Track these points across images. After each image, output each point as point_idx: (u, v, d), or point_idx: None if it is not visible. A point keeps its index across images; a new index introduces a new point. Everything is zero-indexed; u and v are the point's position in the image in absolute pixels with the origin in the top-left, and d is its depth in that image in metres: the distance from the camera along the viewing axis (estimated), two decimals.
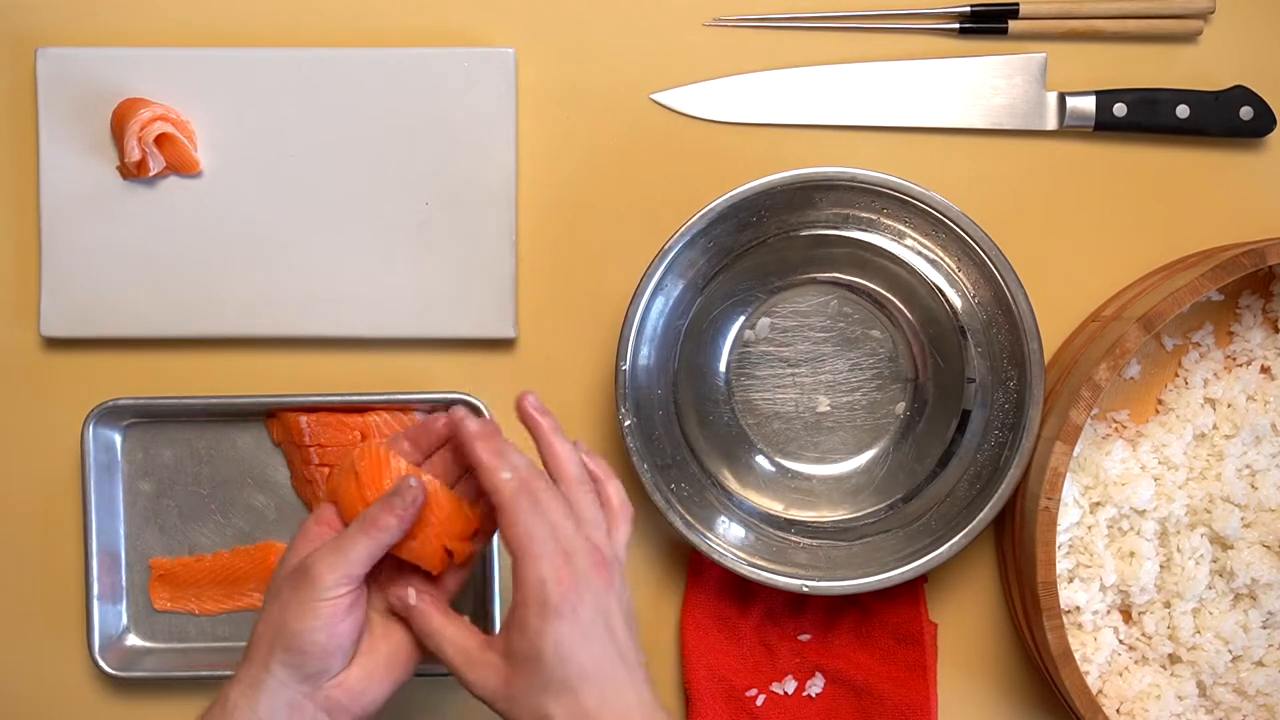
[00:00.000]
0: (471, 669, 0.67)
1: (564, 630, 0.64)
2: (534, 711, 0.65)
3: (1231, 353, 0.85)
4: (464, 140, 0.85)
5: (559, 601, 0.64)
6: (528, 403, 0.70)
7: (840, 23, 0.87)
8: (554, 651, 0.64)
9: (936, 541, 0.81)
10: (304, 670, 0.66)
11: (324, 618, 0.66)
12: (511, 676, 0.65)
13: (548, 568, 0.64)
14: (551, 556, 0.65)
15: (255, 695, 0.66)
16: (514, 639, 0.65)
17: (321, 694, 0.67)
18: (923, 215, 0.82)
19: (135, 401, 0.85)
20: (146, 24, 0.87)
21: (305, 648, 0.66)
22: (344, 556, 0.66)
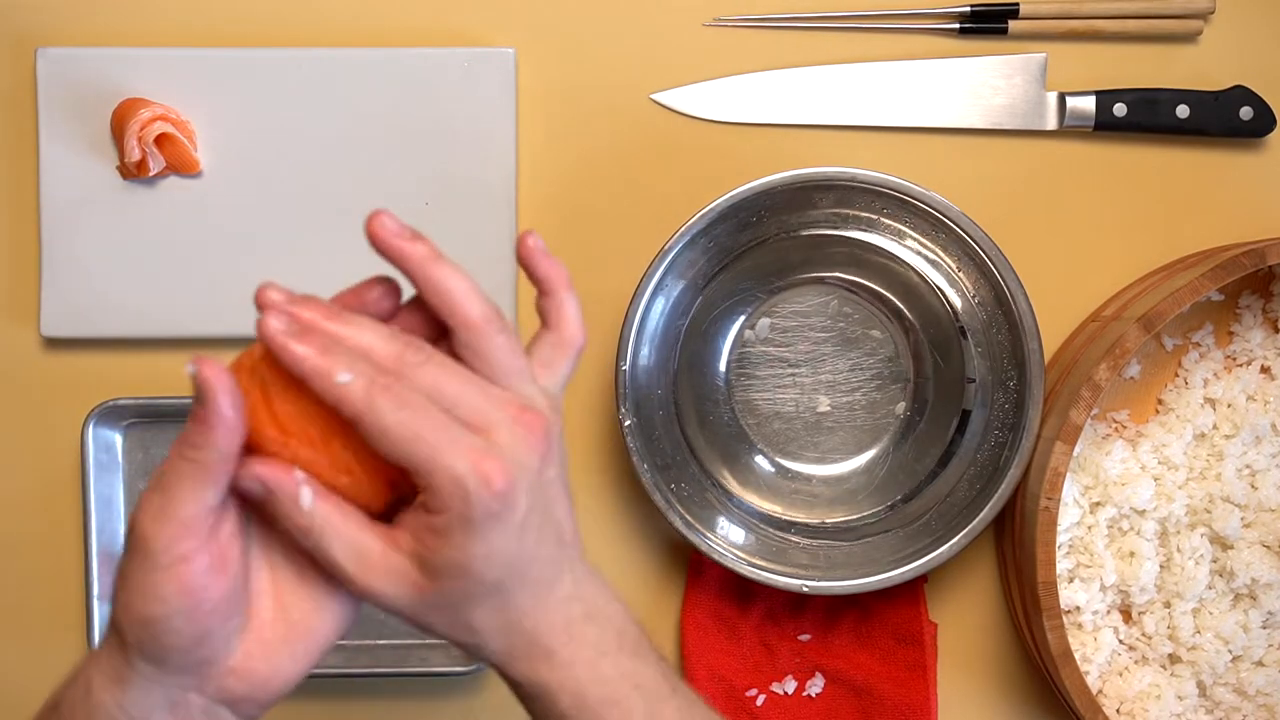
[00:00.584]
0: (372, 576, 0.50)
1: (495, 535, 0.49)
2: (455, 623, 0.52)
3: (1231, 353, 0.85)
4: (464, 140, 0.85)
5: (488, 503, 0.48)
6: (382, 225, 0.53)
7: (840, 23, 0.87)
8: (484, 564, 0.50)
9: (936, 541, 0.81)
10: (173, 664, 0.50)
11: (171, 598, 0.48)
12: (427, 587, 0.50)
13: (461, 464, 0.48)
14: (459, 449, 0.48)
15: (122, 690, 0.50)
16: (431, 547, 0.49)
17: (211, 685, 0.51)
18: (923, 215, 0.82)
19: (135, 401, 0.85)
20: (146, 24, 0.87)
21: (161, 639, 0.49)
22: (168, 497, 0.48)
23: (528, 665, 0.53)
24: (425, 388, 0.49)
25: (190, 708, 0.51)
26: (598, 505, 0.87)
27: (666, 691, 0.55)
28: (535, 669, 0.53)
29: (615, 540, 0.87)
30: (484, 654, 0.53)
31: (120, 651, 0.50)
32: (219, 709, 0.51)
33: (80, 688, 0.52)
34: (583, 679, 0.53)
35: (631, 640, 0.55)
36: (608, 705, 0.53)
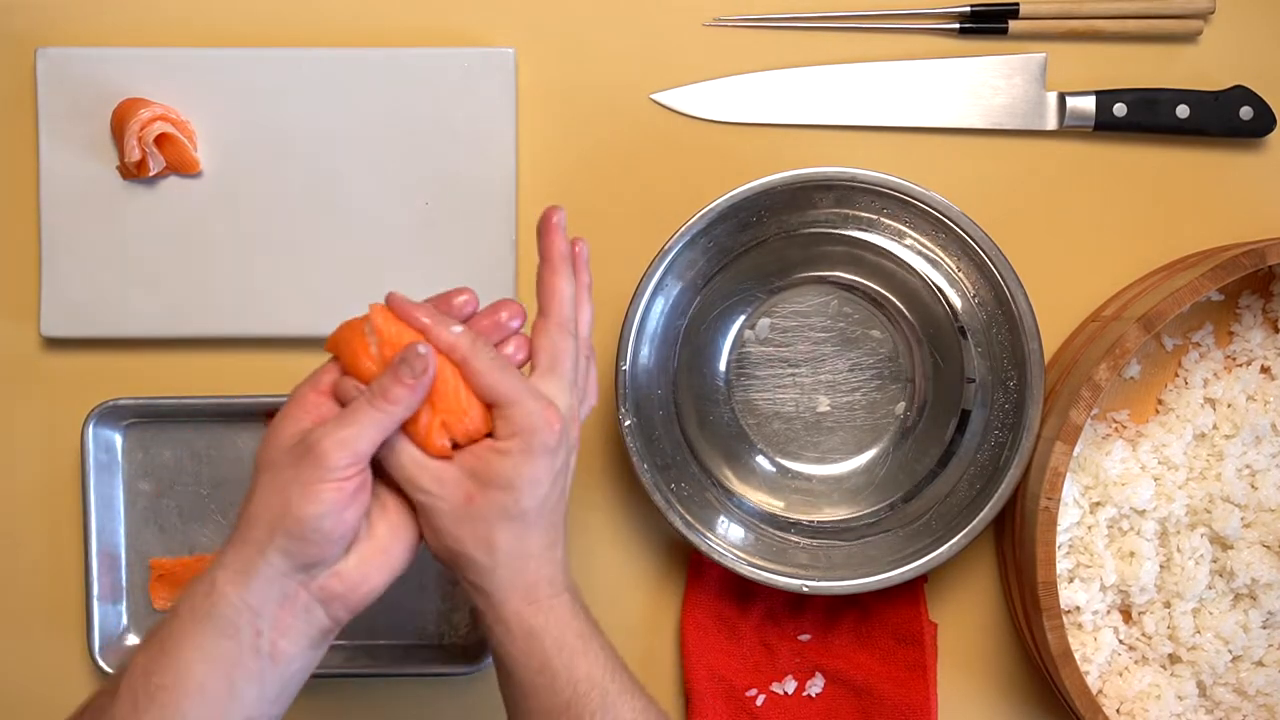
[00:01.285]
0: (430, 479, 0.63)
1: (541, 466, 0.62)
2: (482, 534, 0.63)
3: (1231, 353, 0.85)
4: (464, 140, 0.85)
5: (545, 438, 0.62)
6: (556, 217, 0.67)
7: (840, 23, 0.87)
8: (527, 485, 0.62)
9: (936, 541, 0.81)
10: (303, 559, 0.61)
11: (330, 503, 0.60)
12: (475, 495, 0.62)
13: (534, 406, 0.62)
14: (535, 397, 0.63)
15: (246, 582, 0.60)
16: (490, 462, 0.62)
17: (316, 583, 0.62)
18: (923, 215, 0.82)
19: (135, 401, 0.85)
20: (146, 24, 0.87)
21: (308, 535, 0.60)
22: (353, 431, 0.61)
23: (520, 605, 0.64)
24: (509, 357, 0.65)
25: (296, 603, 0.62)
26: (598, 505, 0.87)
27: (622, 665, 0.66)
28: (525, 609, 0.64)
29: (615, 540, 0.87)
30: (488, 579, 0.63)
31: (257, 549, 0.61)
32: (316, 607, 0.62)
33: (204, 585, 0.61)
34: (563, 628, 0.64)
35: (597, 625, 0.66)
36: (580, 652, 0.64)
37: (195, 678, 0.59)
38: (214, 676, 0.60)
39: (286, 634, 0.61)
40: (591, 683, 0.64)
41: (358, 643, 0.86)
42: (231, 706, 0.60)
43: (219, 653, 0.60)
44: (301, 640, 0.62)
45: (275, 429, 0.63)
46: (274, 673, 0.61)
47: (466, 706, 0.88)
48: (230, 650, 0.60)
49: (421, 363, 0.62)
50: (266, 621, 0.61)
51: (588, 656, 0.64)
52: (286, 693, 0.63)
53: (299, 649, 0.62)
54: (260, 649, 0.61)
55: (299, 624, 0.62)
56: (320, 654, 0.64)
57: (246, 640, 0.60)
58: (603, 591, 0.87)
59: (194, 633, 0.60)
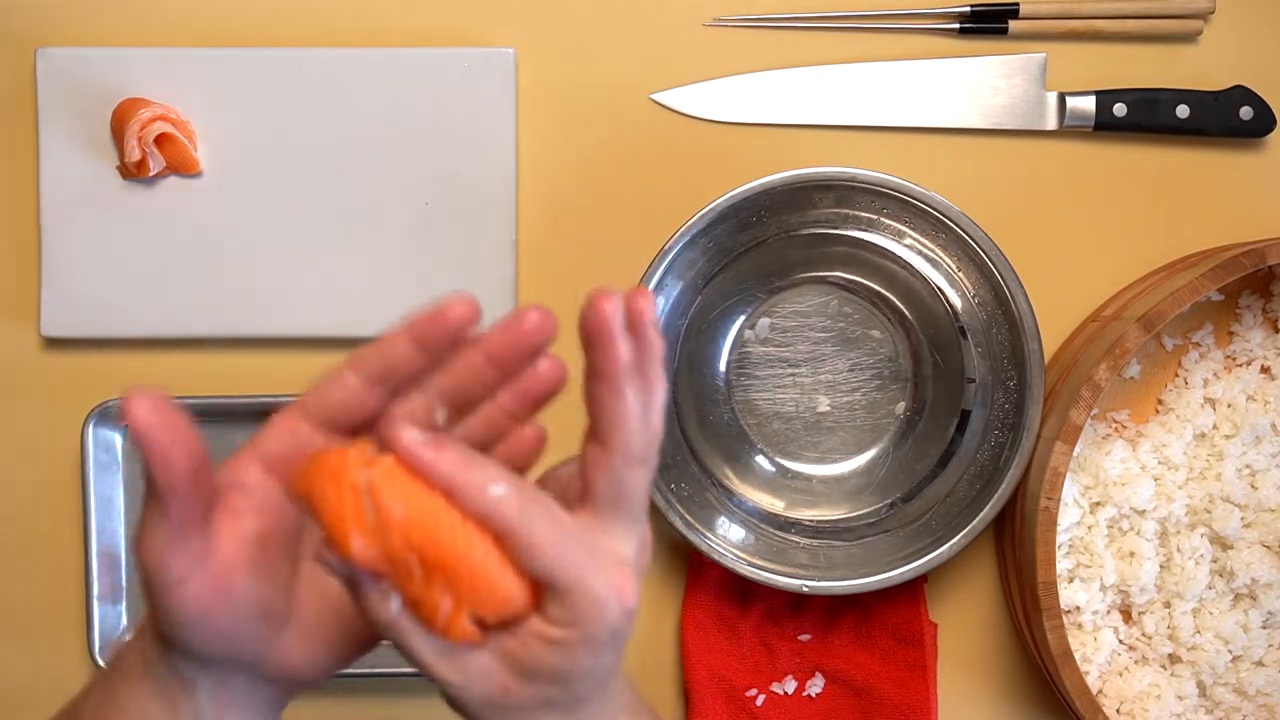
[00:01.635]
0: (454, 670, 0.50)
1: (608, 653, 0.50)
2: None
3: (1231, 353, 0.85)
4: (464, 140, 0.85)
5: (620, 623, 0.49)
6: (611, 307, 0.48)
7: (840, 23, 0.87)
8: (586, 676, 0.50)
9: (936, 541, 0.81)
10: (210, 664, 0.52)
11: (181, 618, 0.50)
12: (514, 689, 0.50)
13: (603, 583, 0.48)
14: (604, 569, 0.48)
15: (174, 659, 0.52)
16: (538, 655, 0.49)
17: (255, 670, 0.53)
18: (923, 215, 0.82)
19: None
20: (146, 24, 0.87)
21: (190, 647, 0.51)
22: (142, 534, 0.49)
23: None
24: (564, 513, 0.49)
25: (232, 685, 0.53)
26: None
27: None
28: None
29: None
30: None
31: (162, 646, 0.52)
32: (261, 685, 0.53)
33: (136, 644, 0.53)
34: None
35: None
36: None
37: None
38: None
39: (231, 709, 0.53)
40: None
41: None
42: None
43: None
44: (249, 712, 0.54)
45: None
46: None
47: None
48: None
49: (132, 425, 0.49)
50: (205, 698, 0.53)
51: None
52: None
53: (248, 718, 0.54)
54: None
55: (242, 699, 0.53)
56: (279, 713, 0.56)
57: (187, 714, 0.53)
58: None
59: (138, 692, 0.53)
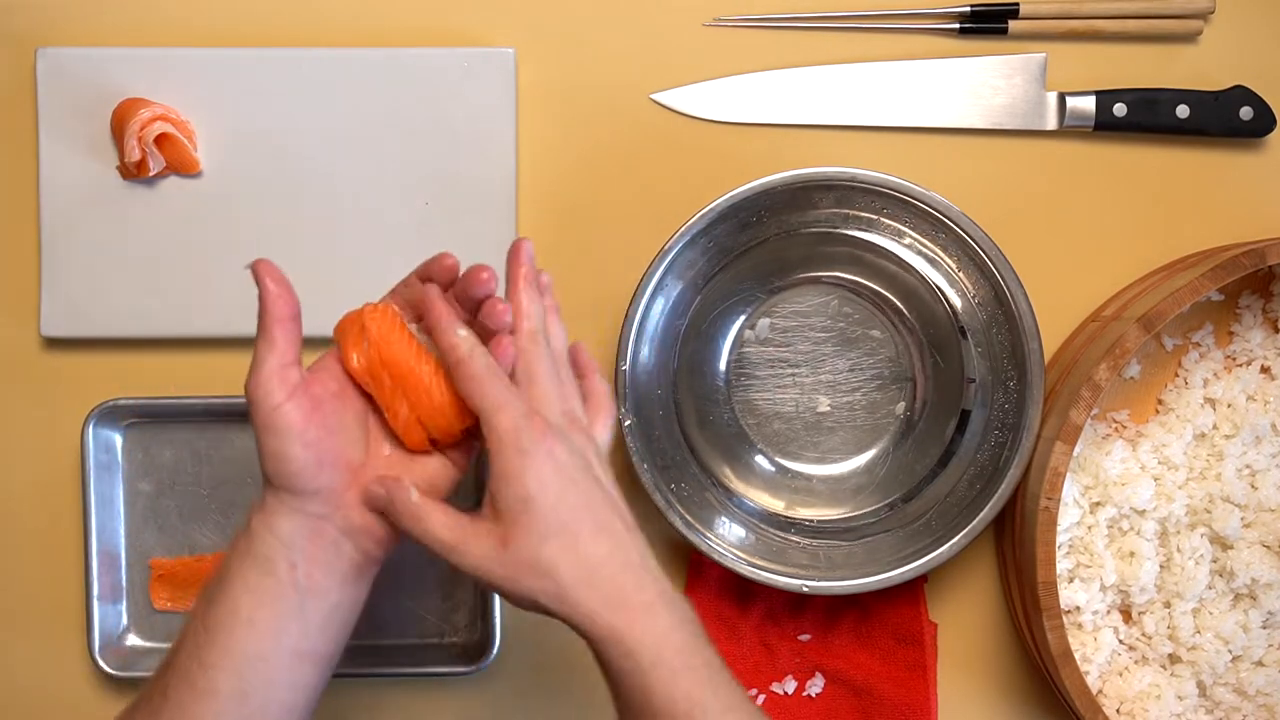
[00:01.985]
0: (466, 540, 0.63)
1: (546, 469, 0.62)
2: (537, 566, 0.61)
3: (1231, 353, 0.85)
4: (464, 140, 0.85)
5: (531, 442, 0.62)
6: (524, 247, 0.68)
7: (840, 23, 0.87)
8: (540, 491, 0.62)
9: (936, 541, 0.81)
10: (301, 491, 0.64)
11: (283, 430, 0.63)
12: (508, 533, 0.62)
13: (518, 414, 0.63)
14: (518, 405, 0.63)
15: (273, 520, 0.64)
16: (500, 493, 0.62)
17: (339, 514, 0.64)
18: (923, 215, 0.82)
19: (135, 401, 0.85)
20: (146, 24, 0.87)
21: (285, 468, 0.63)
22: (255, 364, 0.64)
23: (610, 615, 0.61)
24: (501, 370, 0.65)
25: (324, 536, 0.64)
26: None
27: (728, 678, 0.63)
28: (617, 620, 0.61)
29: None
30: (569, 604, 0.61)
31: (271, 492, 0.64)
32: (344, 541, 0.65)
33: (244, 530, 0.65)
34: (660, 642, 0.61)
35: (702, 631, 0.63)
36: (680, 670, 0.61)
37: (244, 611, 0.63)
38: (260, 610, 0.63)
39: (319, 567, 0.64)
40: (691, 701, 0.61)
41: (358, 643, 0.85)
42: (281, 638, 0.63)
43: (261, 587, 0.63)
44: (334, 574, 0.65)
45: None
46: (313, 605, 0.64)
47: (466, 706, 0.88)
48: (270, 584, 0.63)
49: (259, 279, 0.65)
50: (299, 554, 0.64)
51: (689, 675, 0.61)
52: (332, 626, 0.65)
53: (333, 582, 0.65)
54: (297, 582, 0.64)
55: (329, 557, 0.64)
56: (360, 590, 0.66)
57: (283, 574, 0.63)
58: None
59: (240, 570, 0.64)
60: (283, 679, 0.64)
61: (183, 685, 0.63)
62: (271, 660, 0.63)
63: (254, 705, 0.63)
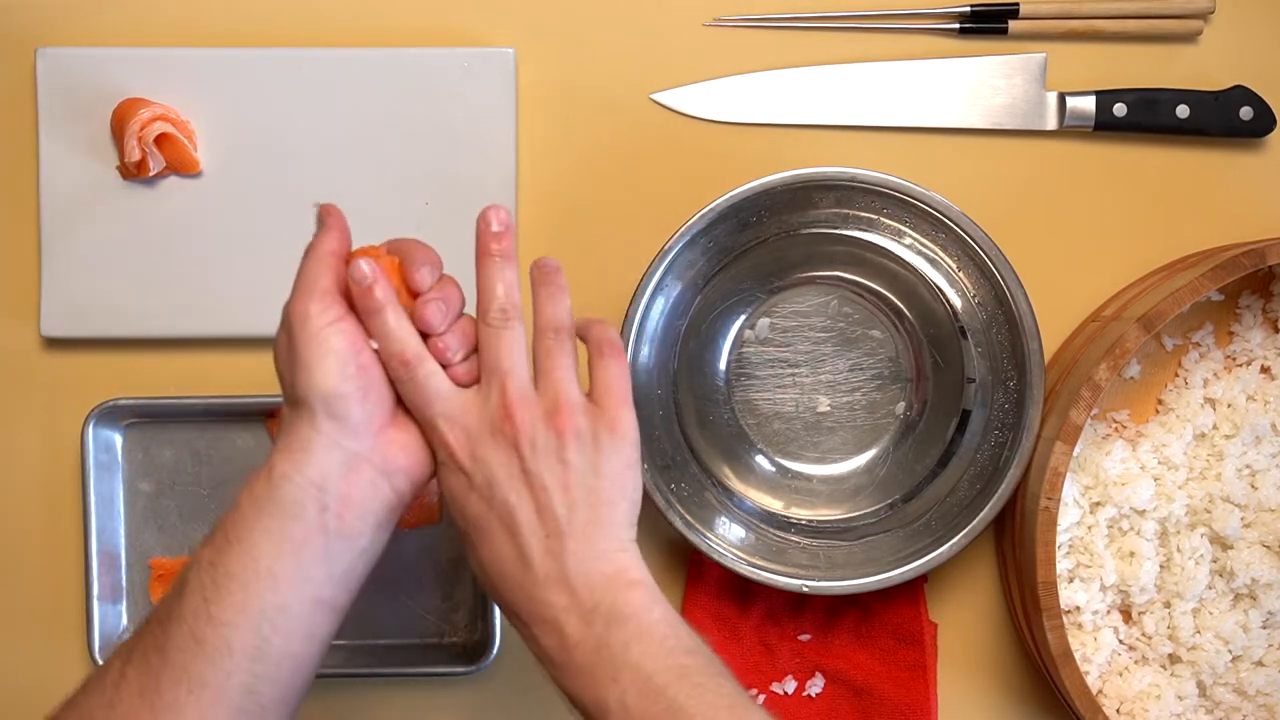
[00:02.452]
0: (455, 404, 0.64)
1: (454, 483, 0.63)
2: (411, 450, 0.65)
3: (1231, 353, 0.85)
4: (464, 140, 0.85)
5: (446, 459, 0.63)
6: (493, 215, 0.67)
7: (840, 23, 0.87)
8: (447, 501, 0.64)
9: (936, 541, 0.81)
10: (351, 417, 0.62)
11: (337, 346, 0.62)
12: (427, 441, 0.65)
13: (444, 429, 0.63)
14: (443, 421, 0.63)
15: (306, 459, 0.61)
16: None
17: (378, 452, 0.63)
18: (923, 215, 0.82)
19: (135, 401, 0.85)
20: (146, 24, 0.87)
21: (340, 385, 0.61)
22: (305, 281, 0.63)
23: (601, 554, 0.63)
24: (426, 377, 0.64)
25: (360, 475, 0.62)
26: None
27: (719, 665, 0.62)
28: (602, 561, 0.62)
29: None
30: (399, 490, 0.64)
31: (308, 422, 0.62)
32: (381, 479, 0.63)
33: (262, 475, 0.62)
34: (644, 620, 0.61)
35: (685, 629, 0.63)
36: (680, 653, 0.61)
37: (264, 561, 0.60)
38: (282, 559, 0.60)
39: (351, 508, 0.62)
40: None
41: (358, 643, 0.86)
42: (302, 588, 0.61)
43: (285, 534, 0.60)
44: (367, 516, 0.62)
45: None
46: (341, 549, 0.62)
47: (466, 706, 0.88)
48: (297, 532, 0.61)
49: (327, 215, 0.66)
50: (332, 496, 0.61)
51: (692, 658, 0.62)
52: (354, 574, 0.63)
53: (364, 525, 0.62)
54: (327, 526, 0.61)
55: (364, 498, 0.62)
56: (385, 537, 0.64)
57: (313, 518, 0.61)
58: None
59: (258, 518, 0.61)
60: (300, 629, 0.61)
61: (188, 643, 0.59)
62: (292, 610, 0.60)
63: (269, 662, 0.60)
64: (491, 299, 0.65)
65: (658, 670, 0.59)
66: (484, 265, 0.66)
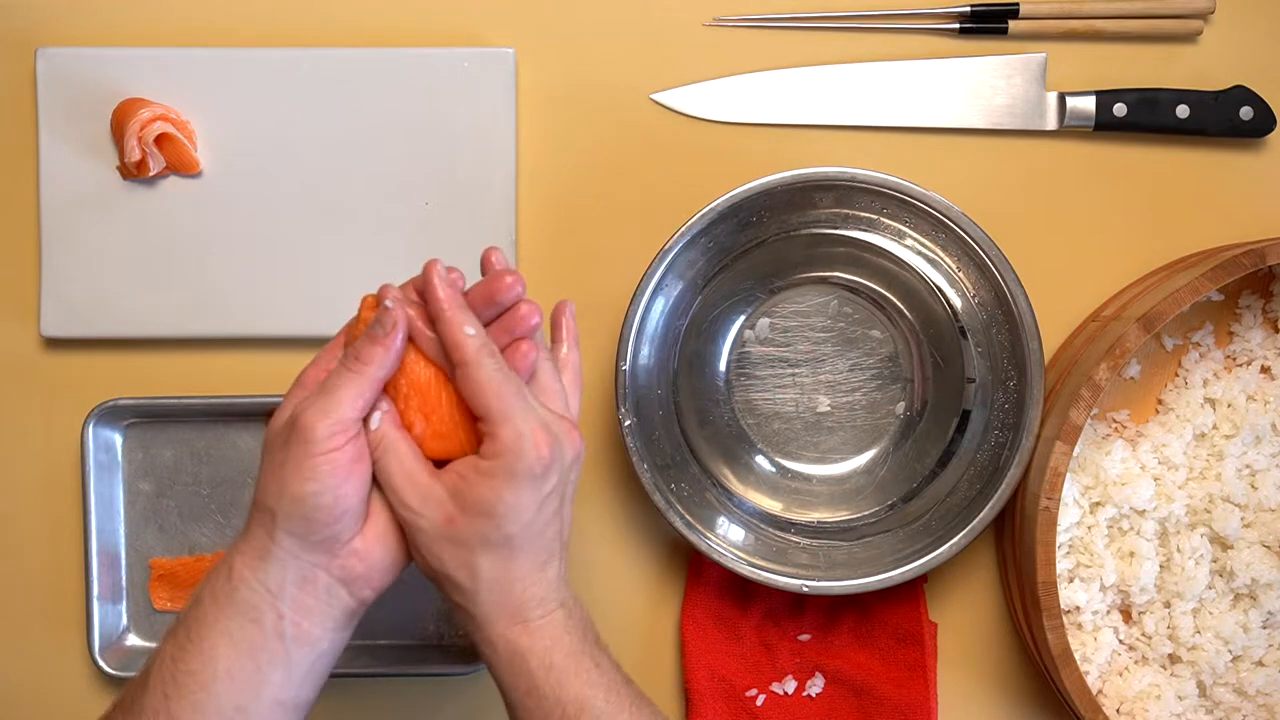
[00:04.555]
0: (415, 495, 0.61)
1: (525, 493, 0.60)
2: (464, 559, 0.61)
3: (1231, 353, 0.85)
4: (464, 140, 0.85)
5: (532, 465, 0.60)
6: (494, 256, 0.66)
7: (840, 23, 0.87)
8: (508, 512, 0.60)
9: (936, 541, 0.81)
10: (312, 538, 0.60)
11: (324, 477, 0.59)
12: (457, 519, 0.61)
13: (525, 426, 0.60)
14: (526, 415, 0.60)
15: (262, 566, 0.60)
16: (473, 484, 0.61)
17: (336, 563, 0.61)
18: (923, 215, 0.82)
19: (135, 401, 0.85)
20: (146, 24, 0.87)
21: (309, 514, 0.60)
22: (333, 399, 0.60)
23: (506, 627, 0.62)
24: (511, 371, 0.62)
25: (317, 584, 0.61)
26: (598, 505, 0.87)
27: (622, 678, 0.64)
28: (512, 630, 0.62)
29: (615, 540, 0.87)
30: (471, 603, 0.62)
31: (267, 532, 0.60)
32: (338, 588, 0.62)
33: (223, 570, 0.61)
34: (551, 647, 0.62)
35: (594, 635, 0.64)
36: (571, 672, 0.62)
37: (222, 663, 0.59)
38: (240, 661, 0.60)
39: (309, 616, 0.61)
40: (581, 705, 0.61)
41: (358, 643, 0.86)
42: (261, 690, 0.60)
43: (243, 637, 0.60)
44: (326, 622, 0.62)
45: (276, 412, 0.63)
46: (300, 655, 0.61)
47: (466, 706, 0.88)
48: (254, 634, 0.60)
49: (390, 317, 0.61)
50: (287, 604, 0.60)
51: (579, 676, 0.62)
52: (315, 674, 0.62)
53: (323, 630, 0.62)
54: (284, 632, 0.60)
55: (320, 605, 0.61)
56: (348, 635, 0.63)
57: (269, 624, 0.60)
58: (603, 592, 0.87)
59: (218, 618, 0.60)
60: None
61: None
62: (250, 712, 0.60)
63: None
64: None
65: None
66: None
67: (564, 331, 0.69)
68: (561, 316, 0.69)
